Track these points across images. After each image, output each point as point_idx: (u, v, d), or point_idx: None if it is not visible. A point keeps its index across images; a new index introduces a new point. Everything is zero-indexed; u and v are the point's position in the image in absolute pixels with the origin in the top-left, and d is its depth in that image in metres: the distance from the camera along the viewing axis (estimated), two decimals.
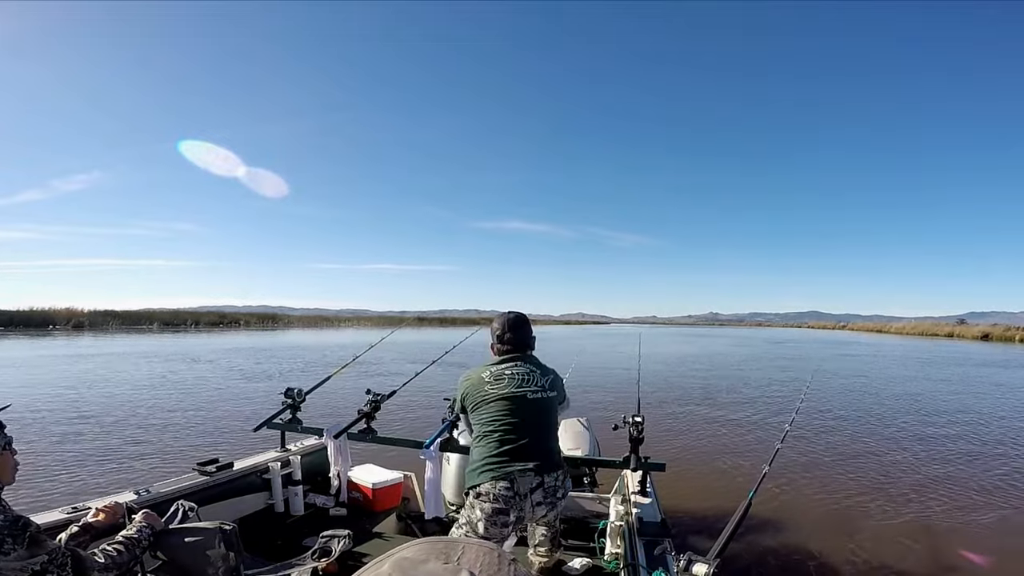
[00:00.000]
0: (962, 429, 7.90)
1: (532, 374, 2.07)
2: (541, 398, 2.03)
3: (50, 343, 23.77)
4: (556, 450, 2.06)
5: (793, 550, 3.69)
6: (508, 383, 2.02)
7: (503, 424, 1.94)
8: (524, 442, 1.91)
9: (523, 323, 2.20)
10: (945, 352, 26.03)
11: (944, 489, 5.12)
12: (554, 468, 1.96)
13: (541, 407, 2.02)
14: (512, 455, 1.89)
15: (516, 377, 2.05)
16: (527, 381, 2.04)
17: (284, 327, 53.73)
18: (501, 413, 1.96)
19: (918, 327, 54.98)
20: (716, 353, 24.55)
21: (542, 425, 2.01)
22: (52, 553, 1.34)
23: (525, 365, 2.09)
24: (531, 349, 2.20)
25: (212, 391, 10.08)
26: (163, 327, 42.21)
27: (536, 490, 1.88)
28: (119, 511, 1.81)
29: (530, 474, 1.87)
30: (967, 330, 47.29)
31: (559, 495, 1.96)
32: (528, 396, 2.00)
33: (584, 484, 3.23)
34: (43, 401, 8.63)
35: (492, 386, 2.02)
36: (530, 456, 1.89)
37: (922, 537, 4.01)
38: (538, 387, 2.04)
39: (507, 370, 2.07)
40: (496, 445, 1.91)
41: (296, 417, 3.13)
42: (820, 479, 5.35)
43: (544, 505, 1.91)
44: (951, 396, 11.34)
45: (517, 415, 1.96)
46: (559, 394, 2.14)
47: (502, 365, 2.09)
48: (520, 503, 1.85)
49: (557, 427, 2.13)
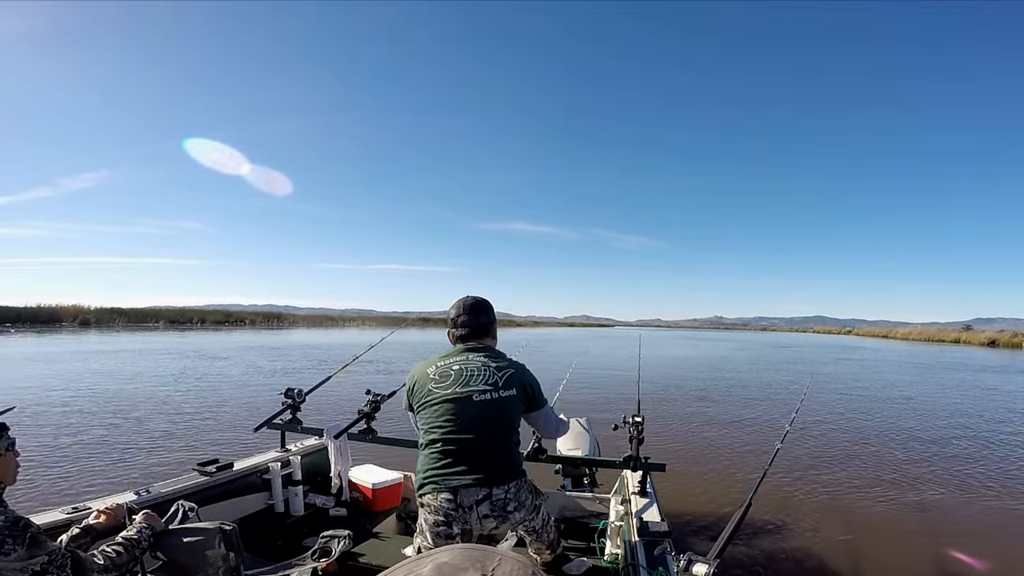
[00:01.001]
0: (961, 432, 7.90)
1: (483, 370, 1.79)
2: (490, 399, 1.74)
3: (57, 340, 23.85)
4: (510, 458, 1.79)
5: (793, 551, 3.69)
6: (453, 382, 1.77)
7: (446, 431, 1.73)
8: (469, 450, 1.70)
9: (482, 307, 1.94)
10: (949, 358, 25.90)
11: (945, 490, 5.12)
12: (505, 479, 1.72)
13: (490, 409, 1.74)
14: (455, 466, 1.69)
15: (464, 373, 1.79)
16: (475, 378, 1.77)
17: (289, 326, 54.07)
18: (444, 417, 1.74)
19: (924, 333, 54.48)
20: (717, 356, 24.58)
21: (492, 429, 1.74)
22: (52, 554, 1.34)
23: (477, 357, 1.83)
24: (490, 336, 1.95)
25: (214, 391, 10.08)
26: (169, 325, 42.50)
27: (483, 502, 1.68)
28: (120, 513, 1.80)
29: (475, 487, 1.68)
30: (974, 336, 46.74)
31: (509, 508, 1.73)
32: (474, 398, 1.74)
33: (584, 484, 3.23)
34: (43, 402, 8.64)
35: (436, 384, 1.79)
36: (475, 467, 1.69)
37: (922, 538, 4.01)
38: (487, 385, 1.76)
39: (455, 365, 1.82)
40: (438, 456, 1.72)
41: (296, 417, 3.14)
42: (820, 479, 5.34)
43: (492, 518, 1.71)
44: (949, 400, 11.35)
45: (461, 420, 1.72)
46: (520, 392, 1.82)
47: (451, 359, 1.84)
48: (464, 515, 1.67)
49: (514, 430, 1.82)
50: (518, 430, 1.85)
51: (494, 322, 1.98)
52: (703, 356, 24.14)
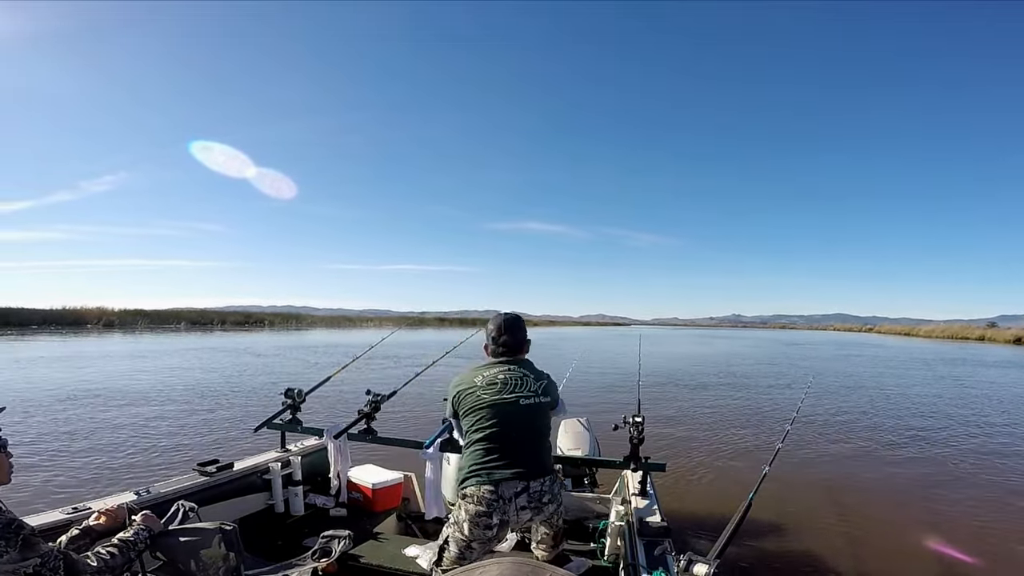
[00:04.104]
0: (969, 431, 7.89)
1: (525, 379, 2.05)
2: (533, 403, 2.02)
3: (83, 342, 24.08)
4: (545, 455, 2.05)
5: (793, 551, 3.69)
6: (501, 388, 2.01)
7: (492, 430, 1.95)
8: (511, 448, 1.93)
9: (519, 325, 2.18)
10: (970, 355, 25.79)
11: (945, 490, 5.12)
12: (541, 474, 1.95)
13: (532, 412, 2.01)
14: (499, 461, 1.90)
15: (509, 382, 2.03)
16: (520, 386, 2.02)
17: (307, 327, 54.53)
18: (492, 419, 1.96)
19: (947, 330, 53.58)
20: (725, 354, 24.60)
21: (532, 430, 2.01)
22: (44, 556, 1.34)
23: (519, 369, 2.08)
24: (525, 352, 2.19)
25: (216, 391, 10.09)
26: (191, 326, 42.82)
27: (521, 495, 1.89)
28: (120, 515, 1.79)
29: (515, 480, 1.89)
30: (999, 333, 46.02)
31: (545, 500, 1.95)
32: (520, 402, 1.99)
33: (584, 484, 3.23)
34: (43, 401, 8.64)
35: (484, 391, 2.01)
36: (516, 462, 1.91)
37: (924, 538, 4.01)
38: (531, 392, 2.03)
39: (500, 375, 2.05)
40: (483, 452, 1.93)
41: (296, 418, 3.13)
42: (821, 479, 5.35)
43: (529, 510, 1.92)
44: (961, 398, 11.33)
45: (507, 421, 1.96)
46: (552, 399, 2.11)
47: (495, 369, 2.07)
48: (504, 507, 1.87)
49: (548, 432, 2.11)
50: (550, 433, 2.11)
51: (528, 339, 2.21)
52: (710, 354, 24.17)
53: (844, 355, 24.25)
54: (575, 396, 9.89)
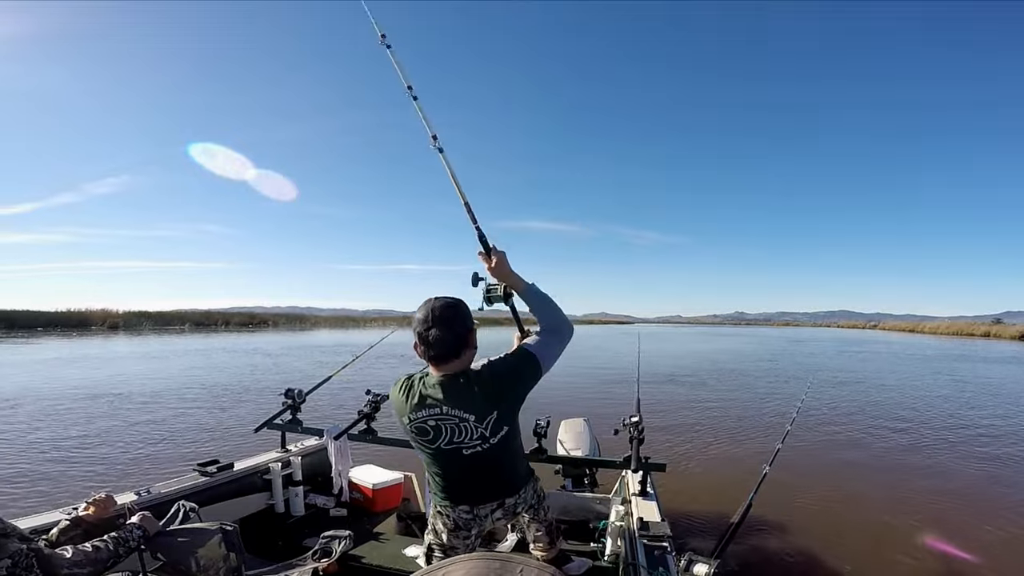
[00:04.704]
0: (971, 432, 7.89)
1: (463, 424, 1.53)
2: (480, 451, 1.56)
3: (87, 344, 24.10)
4: (513, 473, 1.75)
5: (793, 551, 3.69)
6: (435, 438, 1.57)
7: (444, 473, 1.66)
8: (472, 486, 1.68)
9: (457, 314, 1.55)
10: (972, 351, 25.70)
11: (946, 489, 5.12)
12: (514, 491, 1.74)
13: (482, 458, 1.57)
14: (464, 492, 1.68)
15: (444, 432, 1.55)
16: (458, 434, 1.54)
17: (312, 327, 54.67)
18: (436, 464, 1.65)
19: (952, 327, 53.51)
20: (726, 351, 24.56)
21: (489, 470, 1.64)
22: (15, 556, 1.34)
23: (452, 409, 1.53)
24: (469, 347, 1.57)
25: (213, 391, 10.09)
26: (195, 328, 42.84)
27: (496, 511, 1.73)
28: (110, 504, 1.84)
29: (489, 502, 1.71)
30: (1004, 330, 45.85)
31: (519, 510, 1.80)
32: (463, 452, 1.56)
33: (584, 484, 3.23)
34: (43, 402, 8.64)
35: (416, 437, 1.60)
36: (483, 493, 1.69)
37: (924, 537, 4.01)
38: (475, 439, 1.54)
39: (430, 420, 1.55)
40: (442, 485, 1.69)
41: (296, 418, 3.13)
42: (821, 479, 5.34)
43: (505, 519, 1.79)
44: (961, 396, 11.32)
45: (458, 467, 1.62)
46: (511, 405, 1.59)
47: (422, 411, 1.55)
48: (481, 523, 1.72)
49: (513, 452, 1.69)
50: (518, 443, 1.71)
51: (472, 327, 1.59)
52: (712, 351, 24.12)
53: (846, 352, 24.24)
54: (576, 396, 9.89)
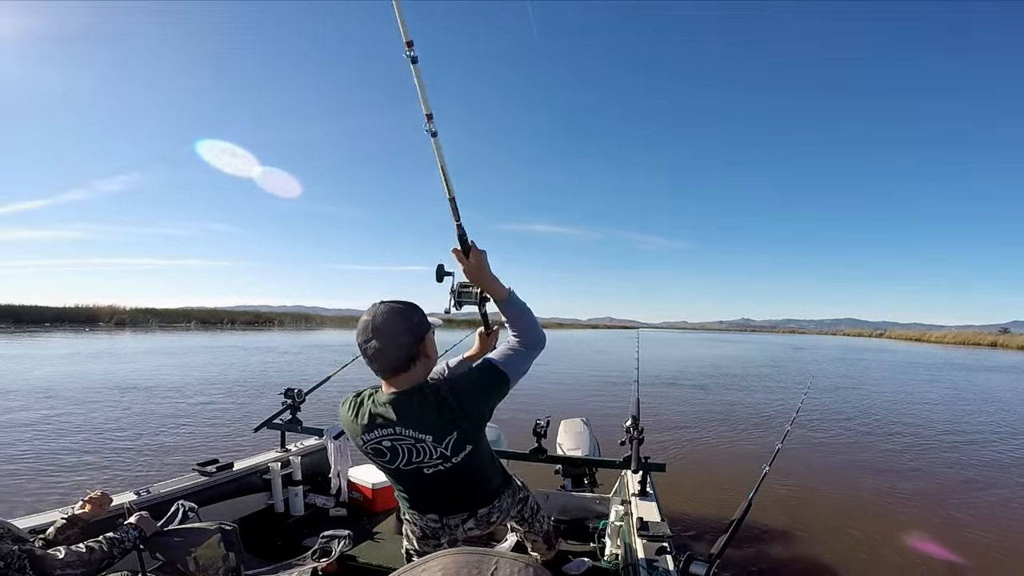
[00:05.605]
0: (966, 437, 7.90)
1: (420, 444, 1.39)
2: (442, 470, 1.42)
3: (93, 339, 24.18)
4: (485, 487, 1.60)
5: (793, 551, 3.69)
6: (392, 459, 1.44)
7: (408, 490, 1.55)
8: (439, 501, 1.55)
9: (401, 322, 1.37)
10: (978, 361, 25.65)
11: (946, 489, 5.12)
12: (487, 501, 1.60)
13: (445, 476, 1.45)
14: (432, 506, 1.56)
15: (401, 453, 1.42)
16: (416, 455, 1.41)
17: (317, 326, 54.86)
18: (400, 482, 1.54)
19: (959, 336, 53.27)
20: (730, 357, 24.65)
21: (457, 487, 1.52)
22: (7, 557, 1.34)
23: (405, 429, 1.38)
24: (421, 357, 1.41)
25: (218, 391, 10.08)
26: (201, 326, 42.98)
27: (467, 521, 1.59)
28: (105, 501, 1.85)
29: (458, 516, 1.57)
30: (1011, 339, 45.83)
31: (493, 519, 1.63)
32: (425, 471, 1.43)
33: (584, 484, 3.23)
34: (44, 402, 8.63)
35: (372, 457, 1.48)
36: (453, 508, 1.56)
37: (921, 539, 4.01)
38: (437, 458, 1.40)
39: (384, 440, 1.41)
40: (409, 502, 1.58)
41: (296, 417, 3.13)
42: (820, 479, 5.34)
43: (478, 528, 1.63)
44: (959, 403, 11.34)
45: (421, 484, 1.49)
46: (473, 421, 1.43)
47: (376, 434, 1.41)
48: (451, 531, 1.58)
49: (483, 467, 1.56)
50: (485, 458, 1.56)
51: (423, 336, 1.41)
52: (713, 356, 24.17)
53: (848, 359, 24.26)
54: (575, 396, 9.89)
